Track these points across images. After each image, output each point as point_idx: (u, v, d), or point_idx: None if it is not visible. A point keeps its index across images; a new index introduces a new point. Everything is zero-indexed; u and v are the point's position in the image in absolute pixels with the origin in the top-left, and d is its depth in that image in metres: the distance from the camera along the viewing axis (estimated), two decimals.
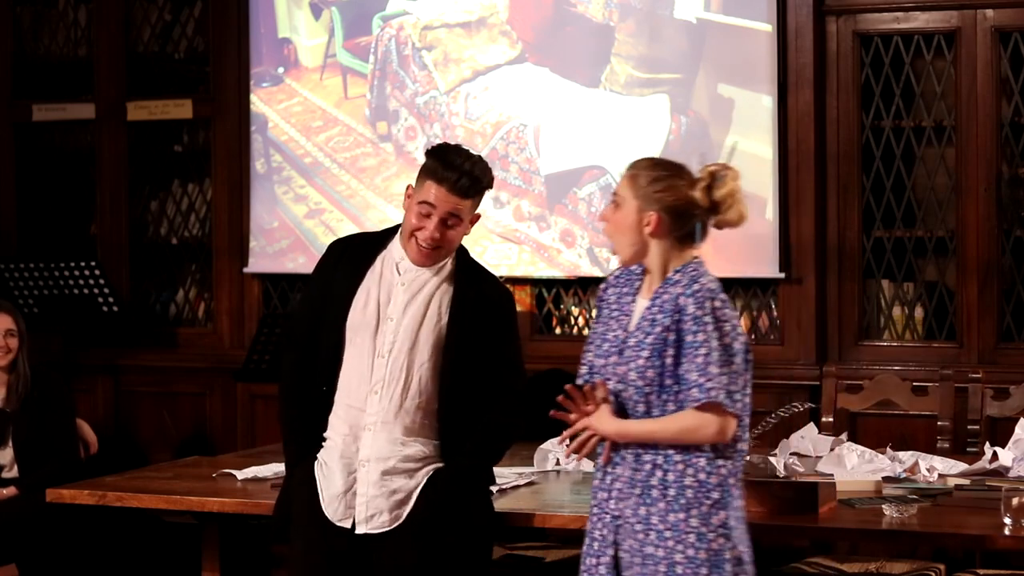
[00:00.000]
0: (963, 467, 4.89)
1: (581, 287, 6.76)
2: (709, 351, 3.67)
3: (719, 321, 3.70)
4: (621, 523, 3.74)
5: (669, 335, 3.70)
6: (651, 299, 3.77)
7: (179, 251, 7.49)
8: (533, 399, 4.18)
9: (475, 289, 4.23)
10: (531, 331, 6.69)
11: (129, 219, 7.46)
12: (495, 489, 4.58)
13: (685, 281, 3.75)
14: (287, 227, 7.12)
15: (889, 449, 5.03)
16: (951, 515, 4.30)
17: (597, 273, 6.57)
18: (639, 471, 3.73)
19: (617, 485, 3.76)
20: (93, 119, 7.45)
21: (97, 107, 7.43)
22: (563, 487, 4.83)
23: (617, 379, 3.76)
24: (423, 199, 4.15)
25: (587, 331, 4.95)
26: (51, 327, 7.11)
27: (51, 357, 6.85)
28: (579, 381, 3.85)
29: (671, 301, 3.73)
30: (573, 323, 6.80)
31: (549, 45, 6.71)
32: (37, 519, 5.90)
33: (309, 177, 7.10)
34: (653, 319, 3.74)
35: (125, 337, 7.36)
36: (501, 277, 6.61)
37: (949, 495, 4.44)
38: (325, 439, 4.24)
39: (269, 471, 4.92)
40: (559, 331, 6.82)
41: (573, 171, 6.67)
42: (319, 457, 4.24)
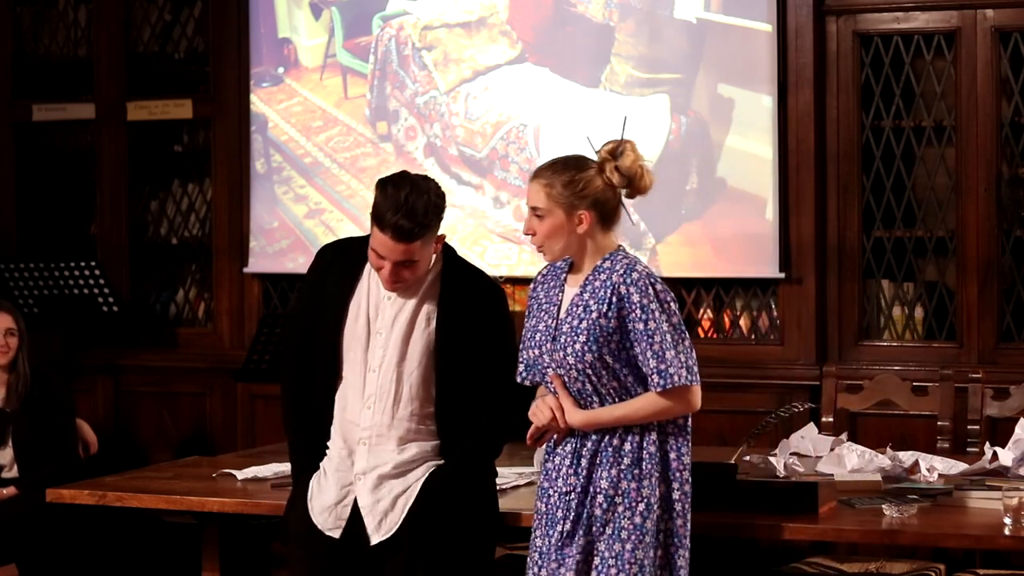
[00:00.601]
0: (963, 467, 4.89)
1: None
2: (662, 336, 3.84)
3: (663, 303, 3.87)
4: (572, 496, 3.91)
5: (605, 321, 3.86)
6: (581, 287, 3.92)
7: (179, 251, 7.49)
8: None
9: (462, 290, 4.19)
10: None
11: (129, 219, 7.46)
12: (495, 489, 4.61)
13: (620, 269, 3.89)
14: (287, 227, 7.12)
15: (889, 449, 5.02)
16: (951, 515, 4.30)
17: None
18: (587, 443, 3.93)
19: (569, 460, 3.94)
20: (93, 119, 7.45)
21: (97, 107, 7.43)
22: None
23: (556, 365, 3.92)
24: (373, 246, 4.07)
25: None
26: (51, 327, 7.11)
27: (51, 357, 6.85)
28: (518, 379, 4.04)
29: (604, 288, 3.88)
30: None
31: (549, 45, 6.71)
32: (37, 519, 5.90)
33: (309, 177, 7.10)
34: (585, 305, 3.89)
35: (125, 337, 7.36)
36: (501, 277, 6.65)
37: (949, 495, 4.44)
38: (328, 447, 4.25)
39: (269, 471, 4.92)
40: None
41: None
42: (322, 466, 4.25)
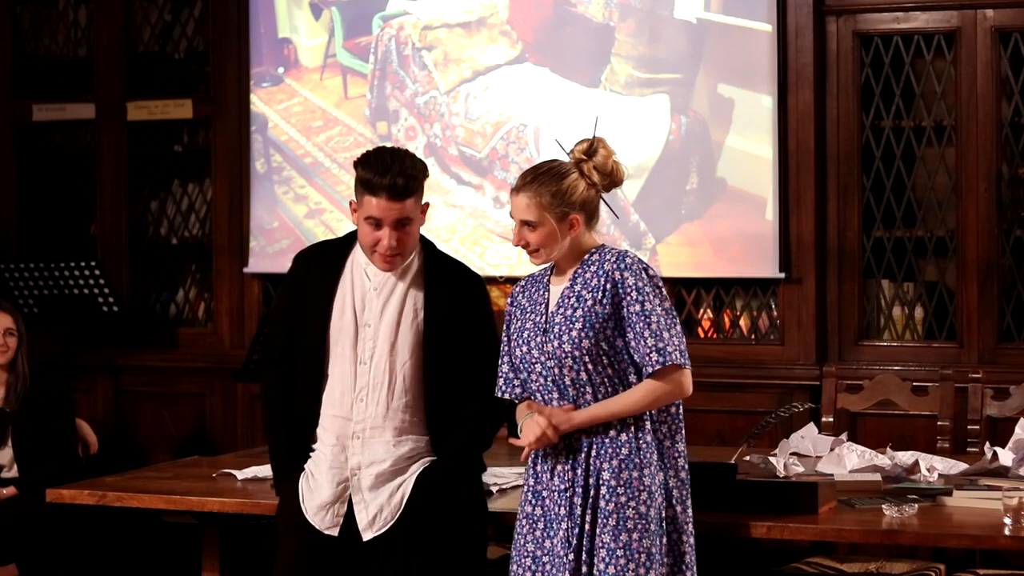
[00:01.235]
0: (963, 467, 4.89)
1: None
2: (658, 317, 3.91)
3: (656, 287, 3.95)
4: (572, 492, 3.93)
5: (600, 308, 3.92)
6: (570, 280, 3.98)
7: (179, 251, 7.49)
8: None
9: (446, 280, 4.23)
10: None
11: (129, 219, 7.46)
12: (495, 489, 4.62)
13: (611, 258, 3.96)
14: (287, 227, 7.12)
15: (889, 449, 5.02)
16: (951, 515, 4.30)
17: None
18: (580, 439, 3.95)
19: (564, 458, 3.96)
20: (93, 119, 7.45)
21: (97, 107, 7.43)
22: None
23: (546, 357, 3.95)
24: (368, 215, 4.15)
25: None
26: (51, 327, 7.11)
27: (51, 357, 6.85)
28: (497, 392, 4.09)
29: (596, 278, 3.94)
30: None
31: (549, 45, 6.71)
32: (37, 519, 5.90)
33: (309, 177, 7.10)
34: (578, 295, 3.95)
35: (125, 337, 7.36)
36: (501, 277, 6.66)
37: (949, 495, 4.44)
38: (313, 450, 4.25)
39: (269, 471, 4.91)
40: None
41: None
42: (306, 468, 4.25)
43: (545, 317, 3.99)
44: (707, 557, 4.29)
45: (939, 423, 5.67)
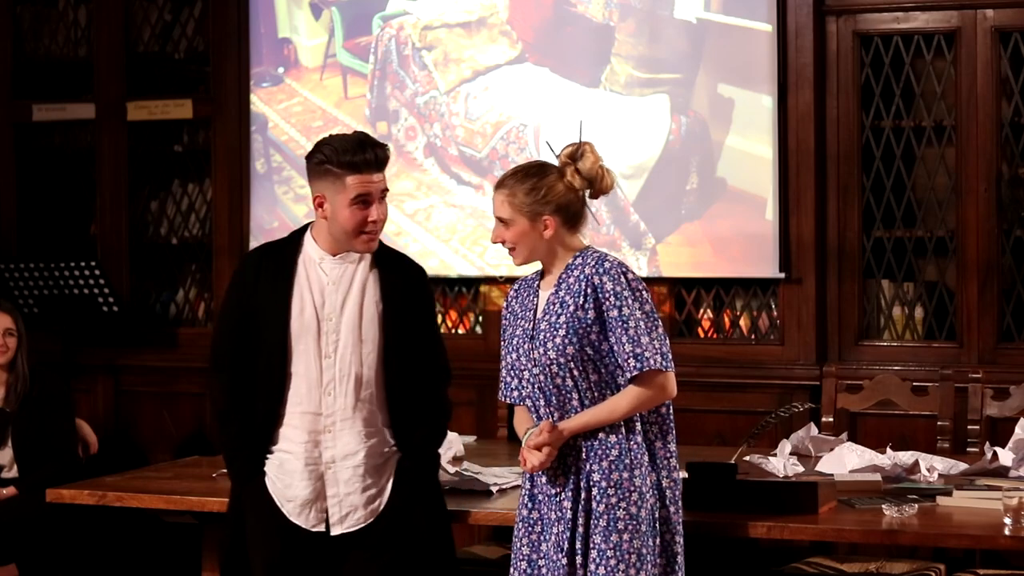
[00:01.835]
0: (963, 467, 4.90)
1: None
2: (636, 322, 3.90)
3: (635, 291, 3.93)
4: (563, 496, 3.94)
5: (583, 313, 3.92)
6: (555, 286, 3.99)
7: (179, 251, 7.49)
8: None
9: (397, 272, 4.28)
10: None
11: (129, 219, 7.46)
12: (495, 489, 4.65)
13: (591, 262, 3.96)
14: (287, 227, 7.09)
15: (889, 449, 5.03)
16: (951, 515, 4.30)
17: None
18: (570, 442, 3.96)
19: (555, 462, 3.96)
20: (93, 119, 7.45)
21: (97, 107, 7.43)
22: None
23: (533, 363, 3.97)
24: (355, 194, 4.14)
25: None
26: (51, 327, 7.11)
27: (51, 357, 6.85)
28: (500, 397, 4.12)
29: (578, 282, 3.95)
30: None
31: (549, 45, 6.71)
32: (37, 519, 5.91)
33: None
34: (561, 302, 3.96)
35: (125, 337, 7.36)
36: (502, 277, 6.66)
37: (949, 495, 4.44)
38: (272, 452, 4.25)
39: None
40: None
41: None
42: (267, 471, 4.24)
43: (533, 324, 4.00)
44: (707, 557, 4.29)
45: (939, 423, 5.67)
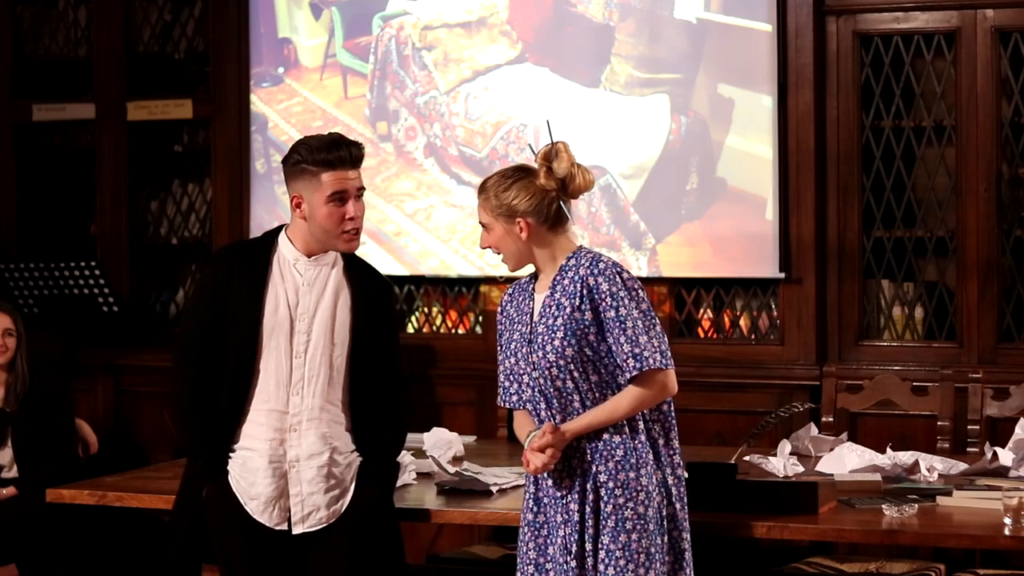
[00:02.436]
0: (963, 467, 4.90)
1: None
2: (633, 322, 3.90)
3: (631, 291, 3.93)
4: (569, 498, 3.93)
5: (580, 315, 3.92)
6: (550, 288, 3.98)
7: (179, 251, 7.49)
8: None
9: (367, 280, 4.31)
10: None
11: (129, 219, 7.46)
12: (495, 489, 4.65)
13: (585, 263, 3.96)
14: None
15: (889, 449, 5.03)
16: (951, 515, 4.30)
17: None
18: (573, 444, 3.95)
19: (560, 464, 3.96)
20: (93, 119, 7.45)
21: (97, 107, 7.43)
22: None
23: (532, 367, 3.97)
24: (331, 191, 4.18)
25: None
26: (51, 327, 7.12)
27: (51, 357, 6.85)
28: (499, 401, 4.11)
29: (573, 284, 3.94)
30: None
31: (549, 45, 6.71)
32: (37, 519, 5.90)
33: None
34: (558, 304, 3.95)
35: (125, 337, 7.36)
36: (501, 277, 6.64)
37: (949, 495, 4.44)
38: (234, 450, 4.26)
39: None
40: None
41: None
42: (230, 469, 4.25)
43: (530, 327, 4.00)
44: (707, 557, 4.29)
45: (939, 423, 5.67)
